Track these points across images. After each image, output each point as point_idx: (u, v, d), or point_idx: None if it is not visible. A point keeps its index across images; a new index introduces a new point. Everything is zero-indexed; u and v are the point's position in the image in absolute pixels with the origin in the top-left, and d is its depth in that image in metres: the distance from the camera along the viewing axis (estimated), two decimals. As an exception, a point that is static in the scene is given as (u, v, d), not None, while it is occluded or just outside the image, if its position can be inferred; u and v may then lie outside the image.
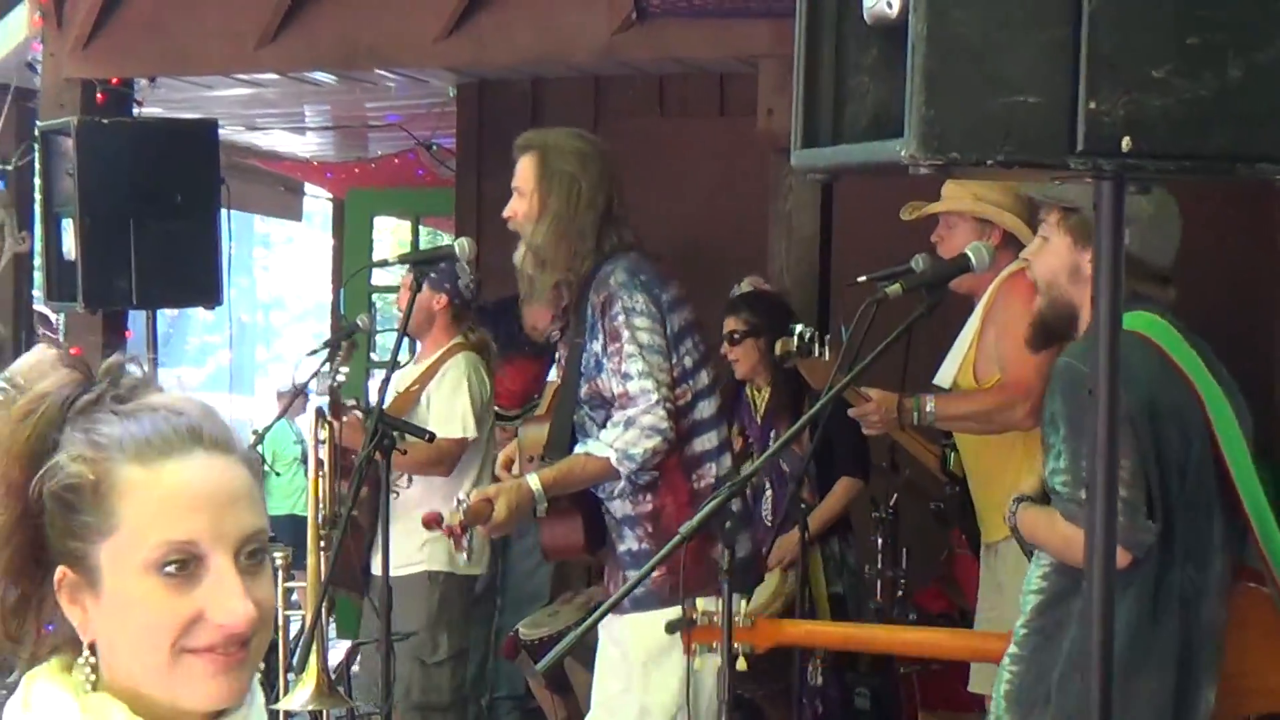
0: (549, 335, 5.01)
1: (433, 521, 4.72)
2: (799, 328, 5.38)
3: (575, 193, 4.73)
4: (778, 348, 5.53)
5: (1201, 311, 4.04)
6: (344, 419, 5.65)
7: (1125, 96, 2.24)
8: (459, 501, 4.66)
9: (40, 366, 1.83)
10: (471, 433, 6.21)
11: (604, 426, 4.71)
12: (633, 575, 4.67)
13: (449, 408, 6.23)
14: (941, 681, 5.93)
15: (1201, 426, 3.64)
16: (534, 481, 4.66)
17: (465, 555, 5.08)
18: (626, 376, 4.59)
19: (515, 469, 5.10)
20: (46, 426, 1.79)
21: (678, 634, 4.55)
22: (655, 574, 4.64)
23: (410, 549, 6.11)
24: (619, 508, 4.75)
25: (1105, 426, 2.42)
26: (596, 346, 4.68)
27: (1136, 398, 3.56)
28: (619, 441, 4.59)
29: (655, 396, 4.59)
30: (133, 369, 1.86)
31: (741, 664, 3.85)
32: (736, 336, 6.23)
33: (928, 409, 5.03)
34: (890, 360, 4.11)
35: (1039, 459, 4.32)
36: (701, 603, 4.22)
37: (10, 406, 1.81)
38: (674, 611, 4.47)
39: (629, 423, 4.59)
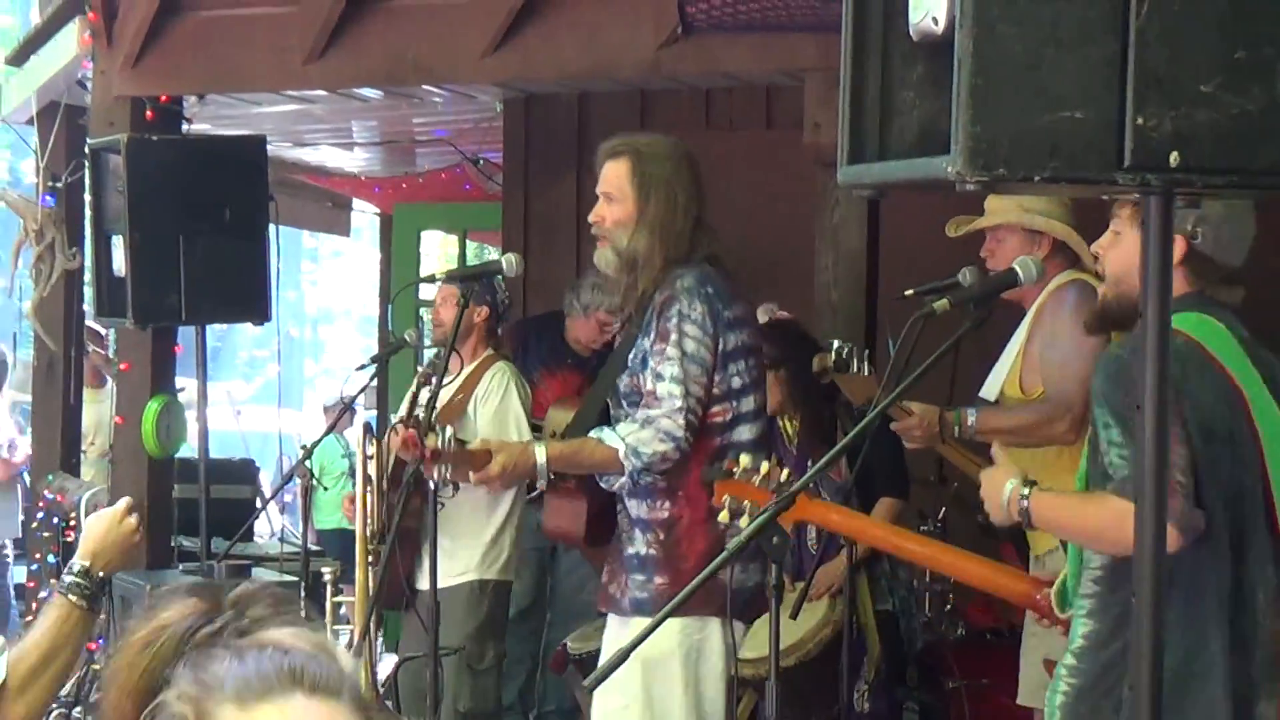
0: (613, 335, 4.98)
1: (411, 441, 4.67)
2: (836, 343, 5.36)
3: (673, 198, 4.70)
4: (815, 364, 5.51)
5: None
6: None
7: (1173, 111, 2.23)
8: (450, 432, 4.63)
9: (169, 596, 1.79)
10: (527, 436, 6.19)
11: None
12: (637, 579, 4.69)
13: (502, 415, 6.25)
14: (991, 696, 5.90)
15: (1252, 444, 3.61)
16: (540, 453, 4.65)
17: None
18: (659, 377, 4.59)
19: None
20: (162, 661, 1.73)
21: (682, 644, 4.56)
22: (659, 581, 4.66)
23: (459, 561, 6.14)
24: (635, 508, 4.73)
25: (1153, 440, 2.41)
26: (646, 343, 4.68)
27: (1195, 418, 3.54)
28: (631, 437, 4.58)
29: (679, 403, 4.58)
30: (261, 603, 1.79)
31: (741, 521, 3.79)
32: None
33: (969, 422, 5.01)
34: (938, 373, 4.10)
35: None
36: (745, 458, 4.20)
37: (131, 637, 1.76)
38: (681, 622, 4.49)
39: (647, 421, 4.59)
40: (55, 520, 8.54)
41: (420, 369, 5.97)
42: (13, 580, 10.63)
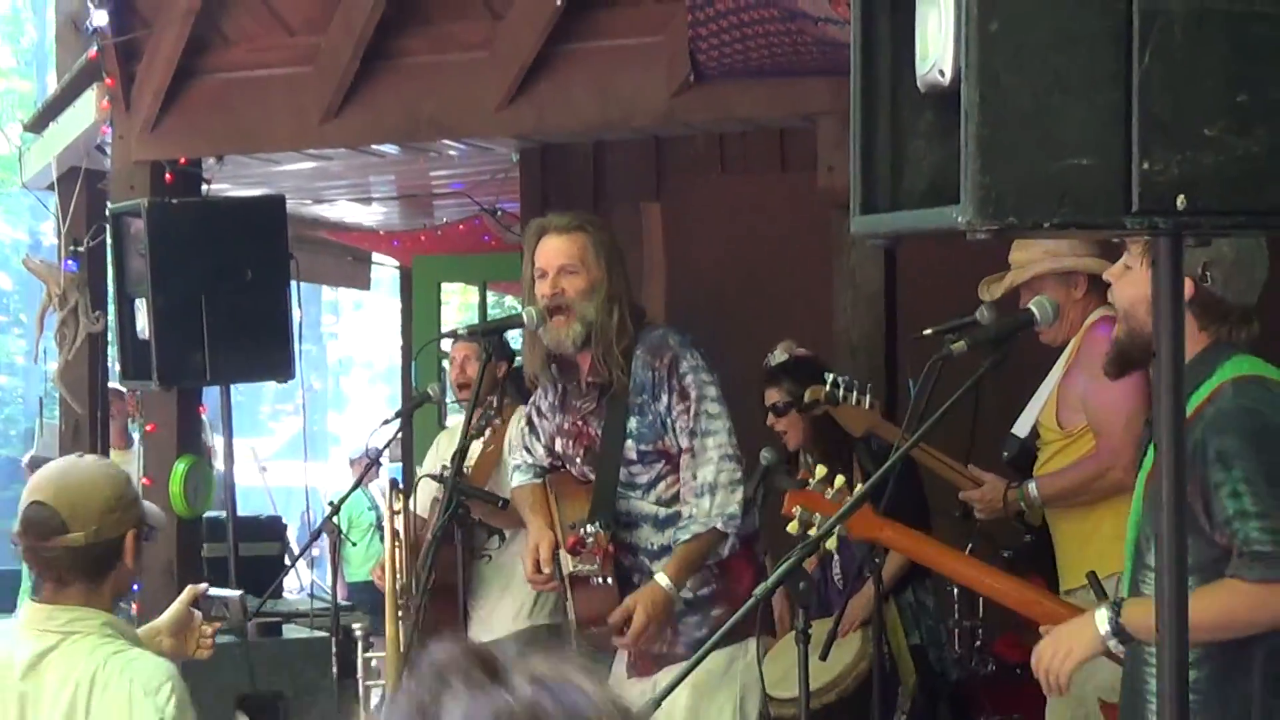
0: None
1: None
2: (831, 375, 5.43)
3: (623, 269, 5.00)
4: (807, 395, 5.56)
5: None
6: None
7: (1179, 155, 2.26)
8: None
9: None
10: None
11: (658, 481, 4.89)
12: (690, 621, 4.88)
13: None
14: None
15: None
16: (663, 580, 4.77)
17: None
18: (710, 433, 4.77)
19: (543, 559, 5.03)
20: None
21: (729, 670, 4.66)
22: (717, 614, 4.79)
23: (513, 609, 6.16)
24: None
25: (1171, 483, 2.43)
26: (661, 406, 4.80)
27: None
28: (715, 509, 4.76)
29: (730, 451, 4.79)
30: None
31: (832, 543, 3.96)
32: (780, 408, 6.00)
33: (1032, 494, 5.07)
34: (959, 414, 4.12)
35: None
36: (820, 469, 4.28)
37: None
38: (729, 649, 4.66)
39: (712, 488, 4.74)
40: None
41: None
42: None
